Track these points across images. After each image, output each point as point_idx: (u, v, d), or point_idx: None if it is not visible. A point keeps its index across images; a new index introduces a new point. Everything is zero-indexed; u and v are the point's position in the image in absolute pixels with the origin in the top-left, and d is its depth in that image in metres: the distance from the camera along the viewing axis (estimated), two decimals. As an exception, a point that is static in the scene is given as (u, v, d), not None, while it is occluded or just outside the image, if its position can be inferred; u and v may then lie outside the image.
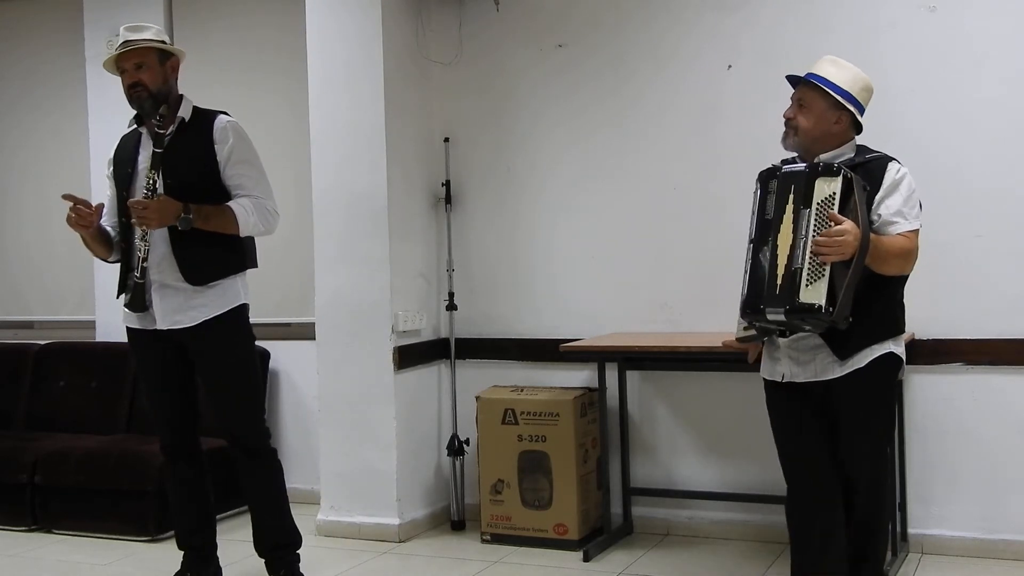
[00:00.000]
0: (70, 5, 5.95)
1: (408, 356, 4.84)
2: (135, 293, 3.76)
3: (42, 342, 5.95)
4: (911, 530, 4.32)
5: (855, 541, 3.35)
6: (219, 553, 4.07)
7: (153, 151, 3.73)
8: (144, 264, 3.71)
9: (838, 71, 3.30)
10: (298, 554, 3.98)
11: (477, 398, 4.75)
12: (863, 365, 3.24)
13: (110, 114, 5.67)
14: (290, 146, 5.37)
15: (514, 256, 5.01)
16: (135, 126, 3.87)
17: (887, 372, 3.30)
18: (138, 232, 3.72)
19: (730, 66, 4.58)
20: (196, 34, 5.66)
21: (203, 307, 3.77)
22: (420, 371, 4.96)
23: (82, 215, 3.72)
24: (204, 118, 3.84)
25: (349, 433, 4.83)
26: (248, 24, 5.64)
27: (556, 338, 4.68)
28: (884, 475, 3.47)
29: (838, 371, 3.26)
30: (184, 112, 3.82)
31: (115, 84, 5.78)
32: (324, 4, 4.83)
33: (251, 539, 3.99)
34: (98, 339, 5.85)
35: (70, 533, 5.00)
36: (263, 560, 3.97)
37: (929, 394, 4.28)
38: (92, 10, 5.83)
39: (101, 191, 4.02)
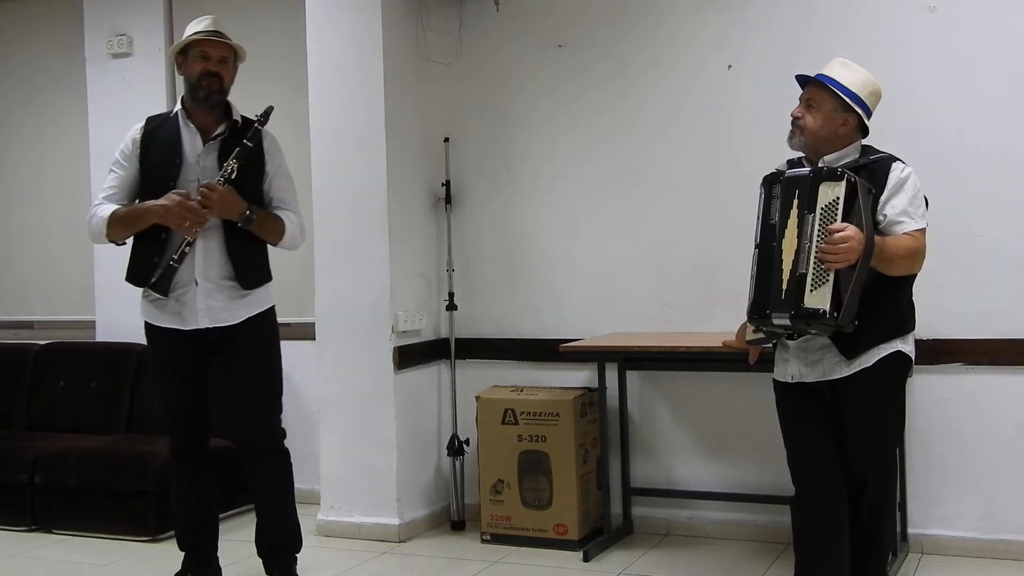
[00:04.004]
0: (70, 5, 5.95)
1: (408, 356, 4.84)
2: (165, 274, 3.70)
3: (42, 342, 5.95)
4: (911, 530, 4.32)
5: (859, 541, 3.35)
6: (219, 553, 4.07)
7: (243, 143, 3.71)
8: (186, 249, 3.66)
9: (848, 73, 3.31)
10: (296, 557, 3.98)
11: (477, 398, 4.75)
12: (870, 364, 3.25)
13: (110, 114, 5.69)
14: (290, 146, 5.35)
15: (514, 256, 5.01)
16: (176, 110, 3.82)
17: (894, 371, 3.30)
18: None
19: (730, 66, 4.58)
20: (196, 34, 5.65)
21: (246, 306, 3.82)
22: (420, 371, 4.95)
23: (199, 214, 3.64)
24: (248, 125, 3.82)
25: (349, 433, 4.83)
26: (248, 24, 5.62)
27: (556, 338, 4.68)
28: (892, 475, 3.47)
29: (845, 370, 3.26)
30: (237, 116, 3.85)
31: (115, 84, 5.84)
32: (324, 4, 4.83)
33: (251, 539, 3.99)
34: (98, 339, 5.85)
35: (70, 533, 4.99)
36: (261, 560, 3.96)
37: (929, 394, 4.28)
38: (92, 10, 5.84)
39: (100, 186, 3.96)
